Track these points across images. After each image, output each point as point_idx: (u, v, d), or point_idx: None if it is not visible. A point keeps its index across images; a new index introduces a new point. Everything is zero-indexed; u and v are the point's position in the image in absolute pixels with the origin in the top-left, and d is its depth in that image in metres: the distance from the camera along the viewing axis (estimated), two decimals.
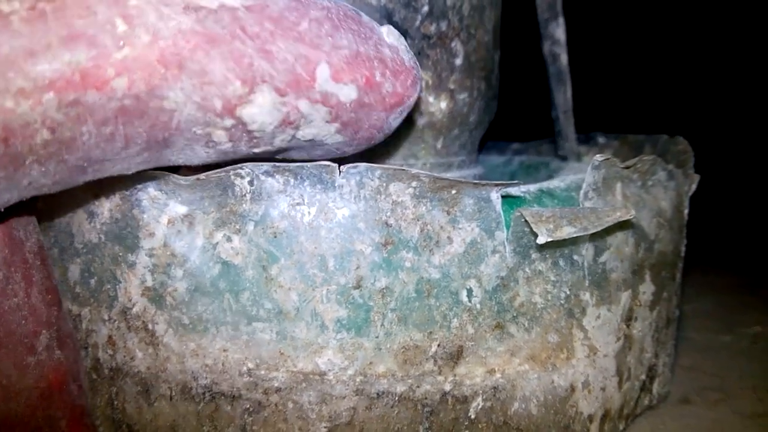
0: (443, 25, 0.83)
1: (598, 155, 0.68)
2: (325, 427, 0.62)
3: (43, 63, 0.42)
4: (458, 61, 0.85)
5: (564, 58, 1.01)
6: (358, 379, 0.62)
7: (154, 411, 0.65)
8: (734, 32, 2.64)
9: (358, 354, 0.62)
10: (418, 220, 0.62)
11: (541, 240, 0.59)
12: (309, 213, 0.60)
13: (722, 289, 1.40)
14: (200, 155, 0.54)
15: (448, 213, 0.62)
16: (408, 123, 0.83)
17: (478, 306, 0.64)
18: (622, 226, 0.70)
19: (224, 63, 0.47)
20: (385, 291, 0.61)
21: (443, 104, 0.84)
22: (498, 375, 0.65)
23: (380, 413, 0.63)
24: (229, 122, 0.50)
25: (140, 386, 0.65)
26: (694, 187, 0.84)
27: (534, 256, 0.65)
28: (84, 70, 0.43)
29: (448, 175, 0.89)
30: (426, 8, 0.81)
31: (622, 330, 0.73)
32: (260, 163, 0.59)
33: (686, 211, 0.83)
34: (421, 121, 0.84)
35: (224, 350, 0.62)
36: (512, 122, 1.37)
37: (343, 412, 0.63)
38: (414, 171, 0.60)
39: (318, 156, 0.63)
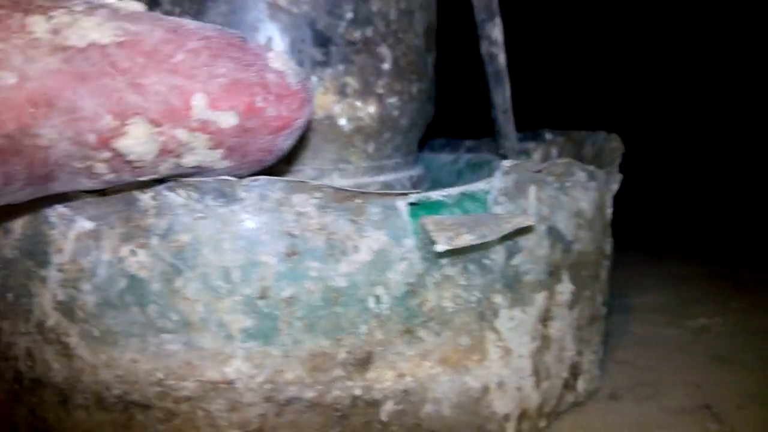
0: (369, 31, 0.83)
1: (506, 161, 0.69)
2: None
3: None
4: (386, 66, 0.85)
5: (502, 58, 1.01)
6: (267, 387, 0.64)
7: (72, 420, 0.66)
8: (693, 29, 2.64)
9: (266, 362, 0.63)
10: (323, 230, 0.63)
11: (438, 248, 0.60)
12: (212, 226, 0.61)
13: (682, 280, 1.41)
14: (86, 186, 0.56)
15: (354, 222, 0.64)
16: (335, 129, 0.84)
17: (387, 312, 0.65)
18: (532, 229, 0.70)
19: (93, 99, 0.49)
20: (290, 300, 0.63)
21: (372, 109, 0.85)
22: (409, 378, 0.67)
23: (291, 419, 0.65)
24: (106, 154, 0.52)
25: (59, 397, 0.66)
26: (615, 186, 0.85)
27: (443, 261, 0.66)
28: None
29: (382, 177, 0.90)
30: (350, 15, 0.82)
31: (539, 330, 0.74)
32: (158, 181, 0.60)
33: (610, 211, 0.84)
34: (349, 127, 0.85)
35: (134, 361, 0.63)
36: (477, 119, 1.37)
37: (253, 419, 0.64)
38: (316, 183, 0.61)
39: None
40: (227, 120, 0.55)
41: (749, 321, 1.13)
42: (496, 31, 1.01)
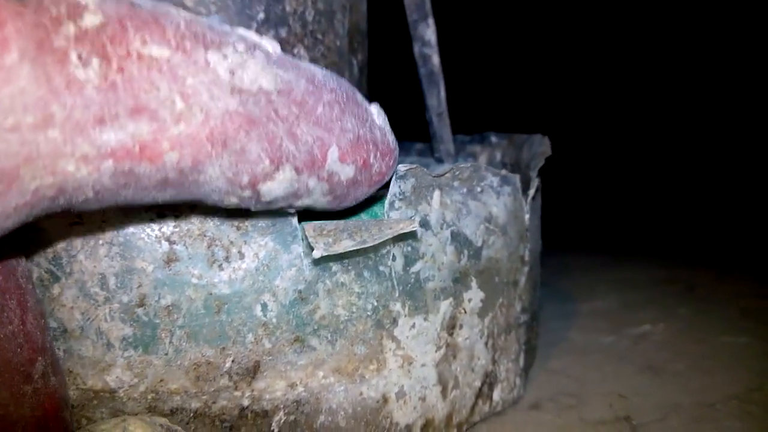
0: (283, 32, 0.82)
1: (401, 165, 0.67)
2: None
3: (110, 132, 0.43)
4: None
5: (436, 60, 1.00)
6: (149, 396, 0.62)
7: None
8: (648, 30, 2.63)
9: (147, 371, 0.62)
10: (204, 236, 0.61)
11: (316, 254, 0.59)
12: (86, 231, 0.60)
13: (635, 285, 1.39)
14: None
15: (238, 228, 0.62)
16: None
17: (275, 320, 0.63)
18: (415, 234, 0.69)
19: (260, 143, 0.50)
20: (171, 308, 0.61)
21: None
22: (300, 388, 0.65)
23: (175, 430, 0.63)
24: (247, 193, 0.53)
25: None
26: (532, 192, 0.83)
27: (335, 268, 0.65)
28: (143, 143, 0.45)
29: None
30: (262, 15, 0.80)
31: (444, 339, 0.72)
32: None
33: (527, 216, 0.82)
34: None
35: None
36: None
37: None
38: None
39: None
40: (347, 173, 0.58)
41: (692, 328, 1.11)
42: (429, 32, 0.99)
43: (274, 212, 0.63)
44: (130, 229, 0.60)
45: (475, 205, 0.74)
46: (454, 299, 0.72)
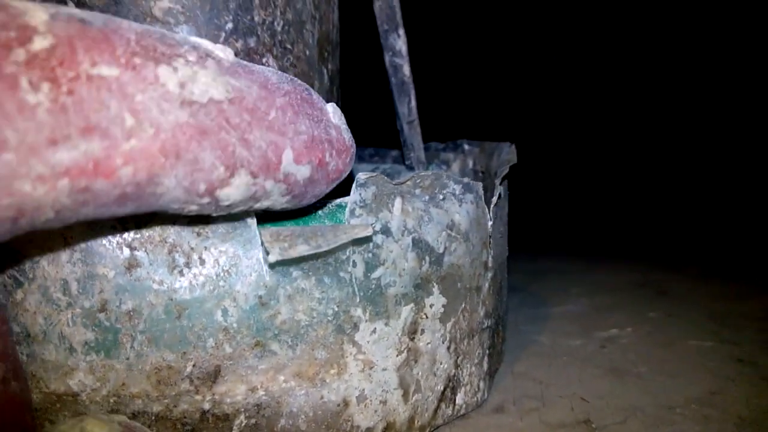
0: (251, 42, 0.83)
1: (361, 174, 0.69)
2: None
3: (63, 152, 0.44)
4: None
5: (406, 69, 1.01)
6: (111, 400, 0.63)
7: None
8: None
9: (109, 375, 0.63)
10: (165, 243, 0.62)
11: (271, 259, 0.60)
12: (48, 237, 0.61)
13: (610, 288, 1.41)
14: None
15: (199, 234, 0.63)
16: None
17: (235, 325, 0.65)
18: (370, 239, 0.70)
19: (213, 152, 0.52)
20: (132, 313, 0.62)
21: None
22: (261, 392, 0.66)
23: None
24: (205, 200, 0.54)
25: None
26: (494, 199, 0.84)
27: (295, 274, 0.66)
28: (96, 160, 0.46)
29: None
30: (230, 25, 0.81)
31: (405, 343, 0.73)
32: None
33: (490, 223, 0.84)
34: None
35: None
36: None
37: None
38: None
39: None
40: (303, 173, 0.60)
41: (659, 332, 1.13)
42: (399, 42, 1.01)
43: (234, 218, 0.64)
44: (92, 236, 0.61)
45: (437, 213, 0.76)
46: (415, 305, 0.74)
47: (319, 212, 0.73)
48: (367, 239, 0.68)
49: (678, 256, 1.72)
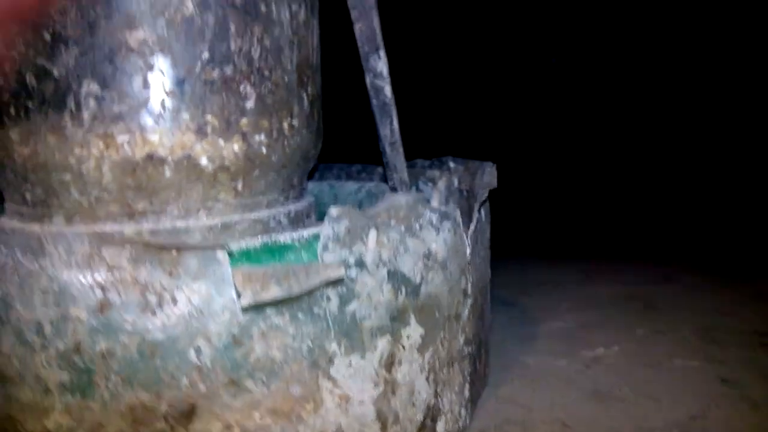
0: (228, 70, 0.83)
1: (334, 208, 0.69)
2: None
3: None
4: (250, 104, 0.85)
5: (388, 90, 1.01)
6: None
7: None
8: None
9: (85, 415, 0.63)
10: (137, 283, 0.63)
11: (244, 303, 0.60)
12: (19, 280, 0.61)
13: (598, 303, 1.41)
14: None
15: (171, 274, 0.63)
16: (197, 168, 0.83)
17: (209, 364, 0.65)
18: (342, 281, 0.70)
19: None
20: (106, 354, 0.62)
21: (235, 147, 0.85)
22: (237, 430, 0.66)
23: None
24: None
25: None
26: (472, 226, 0.84)
27: (269, 311, 0.66)
28: None
29: (254, 215, 0.90)
30: (206, 54, 0.81)
31: (382, 375, 0.73)
32: None
33: (468, 250, 0.83)
34: (212, 166, 0.84)
35: None
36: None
37: None
38: (128, 236, 0.61)
39: None
40: None
41: (645, 351, 1.13)
42: (380, 63, 1.00)
43: (206, 257, 0.64)
44: (64, 278, 0.61)
45: (413, 243, 0.76)
46: (392, 336, 0.74)
47: (296, 242, 0.73)
48: (339, 282, 0.68)
49: (669, 263, 1.72)
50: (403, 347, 0.75)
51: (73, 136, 0.76)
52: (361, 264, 0.71)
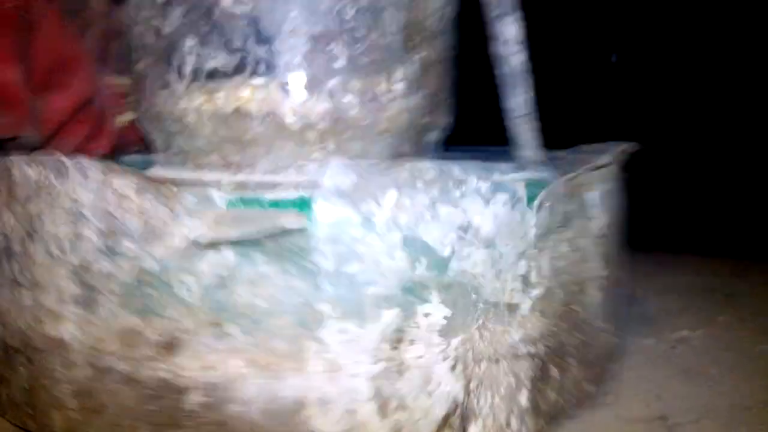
0: (317, 29, 0.82)
1: (340, 160, 0.64)
2: (68, 389, 0.70)
3: None
4: (339, 64, 0.83)
5: (516, 59, 0.91)
6: (91, 353, 0.68)
7: None
8: None
9: (90, 329, 0.68)
10: (142, 213, 0.66)
11: (200, 240, 0.59)
12: (51, 197, 0.68)
13: (678, 292, 1.37)
14: None
15: (171, 209, 0.65)
16: (283, 125, 0.84)
17: (195, 301, 0.65)
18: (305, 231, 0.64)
19: None
20: (109, 276, 0.67)
21: (322, 106, 0.84)
22: (216, 372, 0.66)
23: (112, 388, 0.68)
24: None
25: None
26: (536, 203, 0.70)
27: (259, 258, 0.64)
28: None
29: None
30: (295, 13, 0.82)
31: (385, 351, 0.66)
32: (20, 156, 0.69)
33: (533, 231, 0.70)
34: (297, 124, 0.84)
35: (8, 311, 0.73)
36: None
37: (82, 380, 0.69)
38: (133, 169, 0.65)
39: None
40: None
41: (730, 336, 1.12)
42: (511, 29, 0.90)
43: (203, 196, 0.65)
44: (80, 200, 0.67)
45: (446, 211, 0.67)
46: (402, 310, 0.66)
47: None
48: (301, 231, 0.63)
49: (746, 256, 1.64)
50: (418, 326, 0.66)
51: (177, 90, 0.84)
52: (368, 224, 0.65)
